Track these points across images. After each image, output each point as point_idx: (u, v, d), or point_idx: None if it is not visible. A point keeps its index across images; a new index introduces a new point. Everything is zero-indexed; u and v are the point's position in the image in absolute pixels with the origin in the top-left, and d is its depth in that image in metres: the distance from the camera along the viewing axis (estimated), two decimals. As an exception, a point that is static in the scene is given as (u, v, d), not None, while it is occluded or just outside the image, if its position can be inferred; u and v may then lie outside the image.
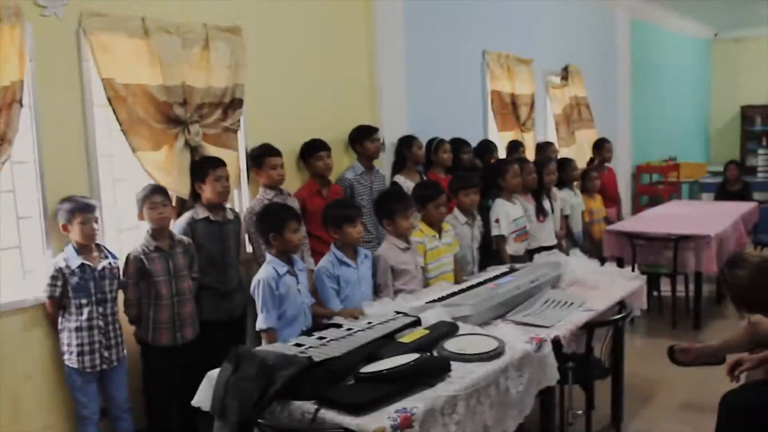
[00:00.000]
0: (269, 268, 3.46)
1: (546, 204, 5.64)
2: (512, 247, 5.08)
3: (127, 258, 3.64)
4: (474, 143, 6.14)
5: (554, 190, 5.98)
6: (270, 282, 3.40)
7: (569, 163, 6.32)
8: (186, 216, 3.92)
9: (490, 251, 5.04)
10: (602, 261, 5.14)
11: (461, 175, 4.96)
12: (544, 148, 6.90)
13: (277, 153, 4.35)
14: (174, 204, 3.93)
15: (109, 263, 3.53)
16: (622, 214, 7.55)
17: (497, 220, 5.03)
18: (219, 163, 3.96)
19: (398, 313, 3.17)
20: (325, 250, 3.90)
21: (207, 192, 3.92)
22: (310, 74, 4.93)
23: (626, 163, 10.01)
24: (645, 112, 10.70)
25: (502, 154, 6.54)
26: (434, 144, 5.58)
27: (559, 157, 6.72)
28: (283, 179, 4.36)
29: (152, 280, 3.63)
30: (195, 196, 3.98)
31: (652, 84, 11.02)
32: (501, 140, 6.87)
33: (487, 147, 6.27)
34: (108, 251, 3.58)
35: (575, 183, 6.46)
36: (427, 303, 3.28)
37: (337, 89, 5.14)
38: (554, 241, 5.57)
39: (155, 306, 3.65)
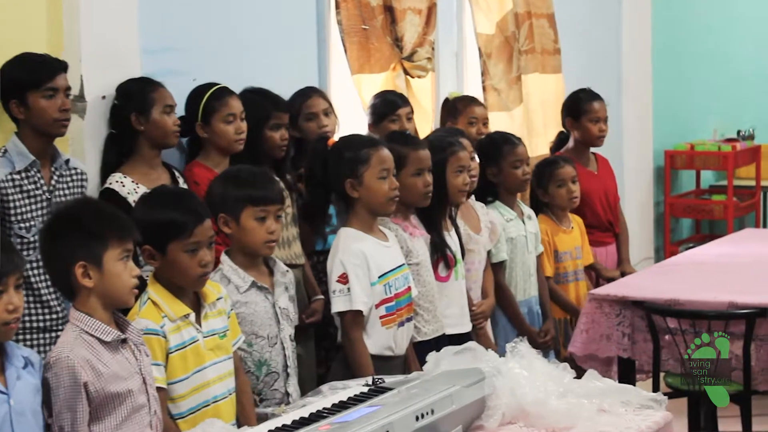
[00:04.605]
0: None
1: (451, 239, 5.81)
2: (379, 339, 5.18)
3: None
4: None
5: (473, 204, 6.20)
6: None
7: (509, 148, 6.52)
8: None
9: (331, 345, 5.16)
10: (579, 368, 5.32)
11: (243, 171, 5.04)
12: (450, 110, 7.14)
13: None
14: None
15: None
16: (627, 259, 7.81)
17: (343, 277, 5.12)
18: None
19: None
20: None
21: None
22: None
23: (643, 147, 10.46)
24: (682, 36, 11.21)
25: (353, 126, 6.71)
26: (205, 100, 5.68)
27: (483, 129, 7.02)
28: None
29: None
30: None
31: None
32: (359, 92, 7.06)
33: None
34: None
35: (519, 194, 6.70)
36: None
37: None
38: (468, 325, 5.76)
39: None
